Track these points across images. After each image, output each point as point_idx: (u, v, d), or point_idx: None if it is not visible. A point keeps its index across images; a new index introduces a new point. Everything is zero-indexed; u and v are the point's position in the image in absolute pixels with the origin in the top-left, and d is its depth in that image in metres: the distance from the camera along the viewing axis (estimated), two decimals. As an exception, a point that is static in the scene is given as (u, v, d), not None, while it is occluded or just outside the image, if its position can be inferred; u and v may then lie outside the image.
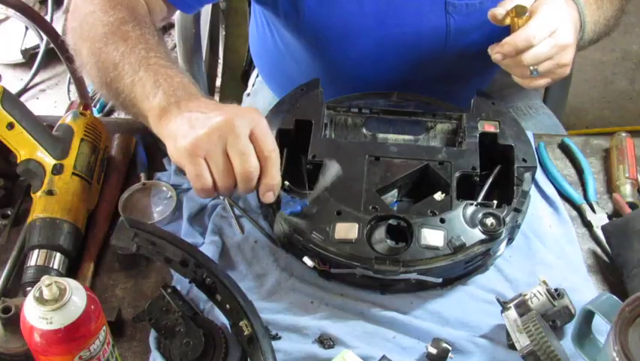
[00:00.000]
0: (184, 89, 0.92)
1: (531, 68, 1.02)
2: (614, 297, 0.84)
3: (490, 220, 0.95)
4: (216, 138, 0.85)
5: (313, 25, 1.20)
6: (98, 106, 2.63)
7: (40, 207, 1.00)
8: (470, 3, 1.18)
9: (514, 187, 1.01)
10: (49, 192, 1.02)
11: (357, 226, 0.94)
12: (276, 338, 0.92)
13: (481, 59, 1.05)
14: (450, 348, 0.89)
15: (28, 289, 0.94)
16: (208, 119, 0.86)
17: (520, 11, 1.01)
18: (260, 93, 1.49)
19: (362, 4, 1.17)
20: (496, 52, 1.02)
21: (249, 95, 1.55)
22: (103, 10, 1.00)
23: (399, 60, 1.24)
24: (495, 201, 0.99)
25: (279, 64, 1.37)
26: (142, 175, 1.14)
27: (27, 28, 2.73)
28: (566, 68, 1.04)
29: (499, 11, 1.03)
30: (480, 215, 0.95)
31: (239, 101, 1.55)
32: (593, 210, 1.10)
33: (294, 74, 1.18)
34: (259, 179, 0.89)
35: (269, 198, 0.91)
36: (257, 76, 1.56)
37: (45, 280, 0.73)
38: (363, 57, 1.24)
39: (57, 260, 0.97)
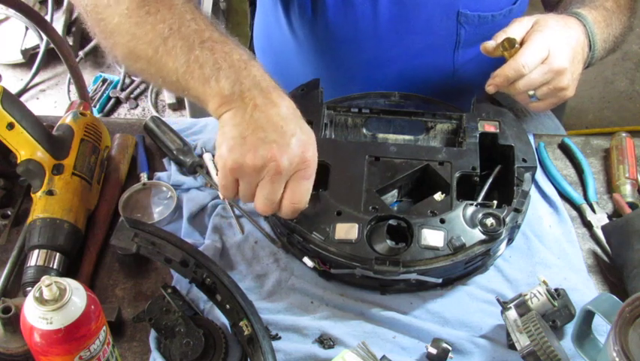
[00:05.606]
0: (247, 71, 0.86)
1: (530, 93, 1.03)
2: (614, 297, 0.84)
3: (490, 220, 0.95)
4: (255, 172, 0.85)
5: (327, 22, 1.20)
6: (97, 106, 2.64)
7: (40, 208, 1.00)
8: (482, 15, 1.19)
9: (514, 187, 1.01)
10: (49, 193, 1.02)
11: (357, 226, 0.94)
12: (276, 338, 0.92)
13: (487, 69, 1.06)
14: (450, 348, 0.89)
15: (28, 289, 0.94)
16: (260, 142, 0.83)
17: (510, 43, 1.02)
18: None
19: (377, 7, 1.18)
20: (488, 84, 1.05)
21: None
22: None
23: (407, 67, 1.25)
24: (495, 202, 0.99)
25: (284, 64, 1.37)
26: (142, 175, 1.14)
27: (27, 28, 2.73)
28: (565, 91, 1.05)
29: (490, 44, 1.05)
30: (480, 215, 0.95)
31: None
32: (593, 210, 1.10)
33: (299, 75, 1.18)
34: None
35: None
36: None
37: (45, 280, 0.73)
38: (371, 61, 1.25)
39: (57, 260, 0.97)
